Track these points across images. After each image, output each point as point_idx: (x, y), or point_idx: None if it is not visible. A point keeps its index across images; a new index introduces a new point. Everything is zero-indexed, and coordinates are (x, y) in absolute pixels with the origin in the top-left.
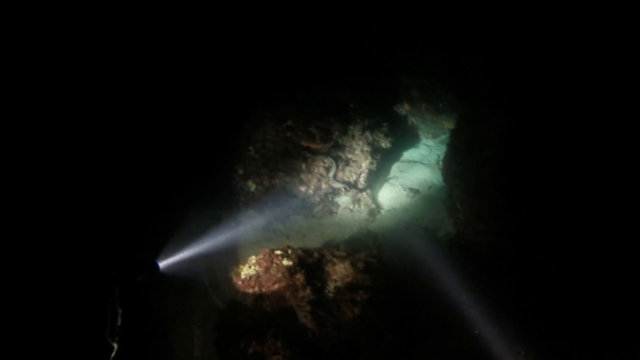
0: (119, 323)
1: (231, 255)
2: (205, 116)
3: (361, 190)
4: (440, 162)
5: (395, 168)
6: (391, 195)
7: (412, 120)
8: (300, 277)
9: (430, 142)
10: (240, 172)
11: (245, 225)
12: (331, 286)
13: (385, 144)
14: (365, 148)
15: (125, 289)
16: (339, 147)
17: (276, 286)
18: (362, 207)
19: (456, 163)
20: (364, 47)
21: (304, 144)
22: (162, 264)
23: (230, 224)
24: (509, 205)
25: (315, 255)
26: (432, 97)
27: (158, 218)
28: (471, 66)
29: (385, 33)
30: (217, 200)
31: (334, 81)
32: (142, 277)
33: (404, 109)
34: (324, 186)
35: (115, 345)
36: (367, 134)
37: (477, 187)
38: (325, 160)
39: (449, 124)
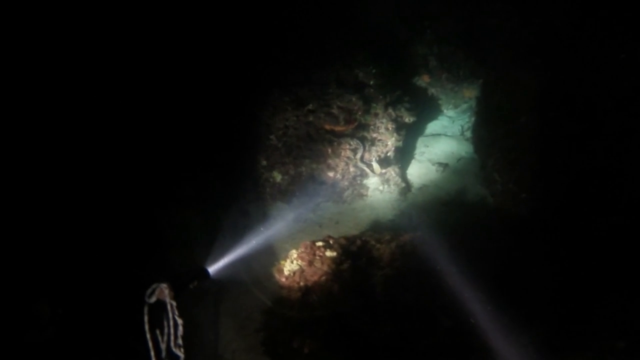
0: (182, 333)
1: (267, 251)
2: (220, 108)
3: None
4: (465, 133)
5: (420, 143)
6: (420, 171)
7: (433, 91)
8: (346, 267)
9: (451, 113)
10: (264, 162)
11: (275, 218)
12: (379, 274)
13: (409, 119)
14: (390, 125)
15: (180, 298)
16: (363, 126)
17: (322, 279)
18: (392, 186)
19: (487, 132)
20: (377, 19)
21: (327, 127)
22: (210, 268)
23: (259, 217)
24: (552, 171)
25: (358, 242)
26: (452, 66)
27: (194, 221)
28: (491, 28)
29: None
30: (242, 195)
31: (349, 58)
32: (194, 285)
33: (423, 80)
34: (352, 169)
35: (182, 355)
36: (390, 110)
37: (516, 155)
38: (351, 142)
39: (470, 92)
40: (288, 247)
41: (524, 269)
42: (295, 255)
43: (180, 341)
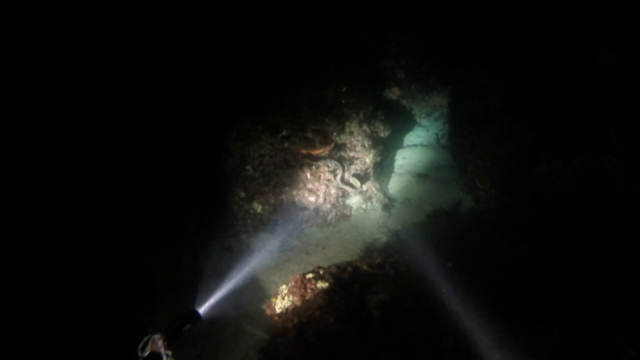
0: None
1: (254, 285)
2: (191, 144)
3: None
4: (441, 140)
5: (398, 156)
6: (401, 184)
7: (404, 102)
8: (340, 297)
9: (425, 122)
10: (242, 194)
11: (260, 250)
12: (374, 300)
13: (384, 133)
14: (366, 142)
15: (174, 344)
16: (340, 146)
17: (317, 313)
18: (375, 203)
19: (463, 138)
20: (342, 37)
21: (304, 151)
22: (200, 309)
23: (243, 251)
24: (533, 173)
25: (349, 269)
26: (420, 75)
27: (177, 264)
28: (455, 34)
29: (360, 16)
30: (223, 230)
31: (318, 78)
32: (187, 329)
33: (393, 93)
34: (333, 191)
35: None
36: (365, 126)
37: (494, 159)
38: (330, 164)
39: (441, 100)
40: (276, 279)
41: (523, 275)
42: (285, 291)
43: None
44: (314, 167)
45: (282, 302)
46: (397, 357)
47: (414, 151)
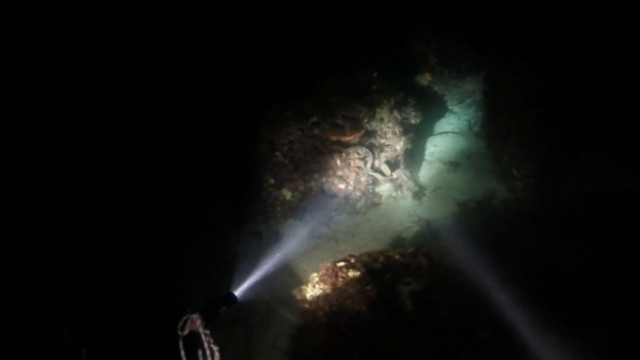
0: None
1: (284, 272)
2: (221, 131)
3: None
4: (473, 128)
5: (428, 143)
6: (431, 173)
7: (436, 88)
8: (372, 287)
9: (457, 109)
10: (272, 181)
11: (289, 237)
12: (406, 290)
13: (415, 120)
14: (397, 129)
15: (211, 325)
16: (370, 133)
17: (348, 302)
18: (406, 191)
19: (498, 125)
20: (373, 20)
21: (333, 138)
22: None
23: (272, 238)
24: (574, 163)
25: (381, 258)
26: (453, 61)
27: (211, 249)
28: (490, 18)
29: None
30: (252, 216)
31: (348, 63)
32: (223, 310)
33: (425, 79)
34: (363, 179)
35: None
36: (396, 113)
37: (533, 148)
38: (360, 151)
39: (473, 86)
40: (305, 266)
41: (565, 270)
42: (316, 279)
43: None
44: (343, 154)
45: (313, 290)
46: (430, 349)
47: (445, 138)
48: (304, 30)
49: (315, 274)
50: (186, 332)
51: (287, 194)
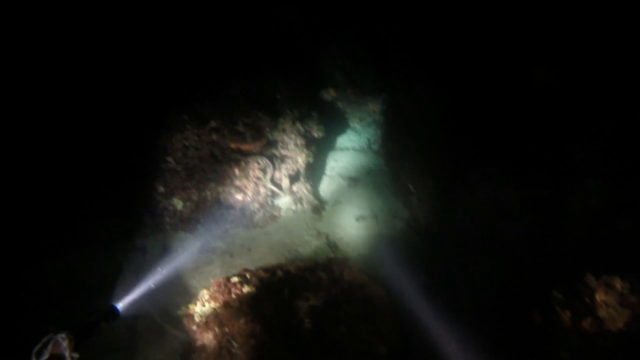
0: None
1: (172, 289)
2: (107, 128)
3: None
4: (372, 146)
5: (329, 158)
6: (332, 187)
7: (339, 105)
8: (268, 304)
9: (357, 126)
10: (162, 189)
11: (178, 251)
12: (305, 306)
13: (317, 134)
14: (299, 141)
15: (88, 345)
16: (272, 144)
17: (242, 322)
18: (306, 205)
19: (397, 144)
20: (281, 32)
21: (233, 146)
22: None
23: (158, 252)
24: (464, 181)
25: (279, 273)
26: (357, 80)
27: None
28: (392, 39)
29: (299, 13)
30: (138, 228)
31: (254, 72)
32: (103, 326)
33: (329, 94)
34: (262, 190)
35: None
36: (299, 125)
37: (428, 165)
38: (260, 161)
39: (374, 106)
40: (196, 282)
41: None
42: (207, 296)
43: None
44: (242, 163)
45: (202, 309)
46: None
47: (345, 154)
48: (208, 33)
49: (205, 291)
50: (45, 357)
51: (179, 204)
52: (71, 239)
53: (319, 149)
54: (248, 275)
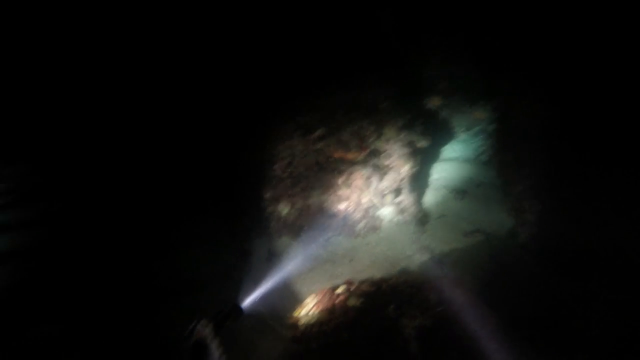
0: None
1: (278, 292)
2: (217, 139)
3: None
4: (480, 157)
5: (434, 169)
6: (437, 199)
7: (444, 114)
8: (373, 320)
9: (464, 136)
10: (268, 195)
11: (282, 256)
12: (412, 325)
13: (422, 143)
14: (403, 151)
15: (219, 337)
16: (375, 153)
17: (345, 335)
18: (409, 217)
19: (512, 156)
20: (385, 40)
21: (337, 155)
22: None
23: (264, 256)
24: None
25: (384, 287)
26: (464, 87)
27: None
28: (507, 44)
29: (404, 21)
30: (244, 231)
31: (358, 81)
32: (230, 322)
33: (433, 103)
34: (364, 200)
35: None
36: (403, 135)
37: (549, 182)
38: (364, 171)
39: (481, 114)
40: (299, 288)
41: (576, 317)
42: (311, 304)
43: None
44: (346, 173)
45: (306, 317)
46: None
47: (451, 165)
48: (311, 44)
49: (310, 299)
50: (193, 340)
51: (284, 210)
52: (190, 238)
53: (423, 159)
54: (353, 287)
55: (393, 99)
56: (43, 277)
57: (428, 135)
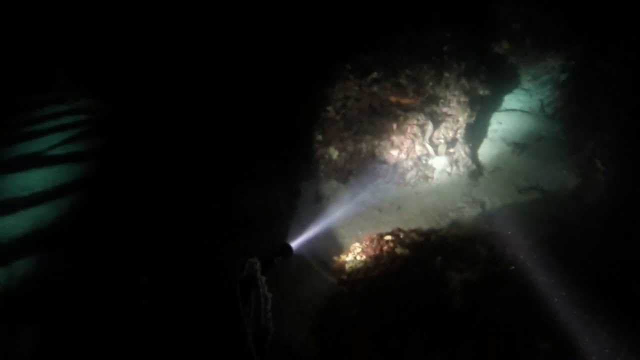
0: (270, 307)
1: (323, 235)
2: (272, 75)
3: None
4: (546, 109)
5: (493, 119)
6: (493, 152)
7: (511, 59)
8: (419, 269)
9: (529, 85)
10: (319, 137)
11: (329, 199)
12: (458, 278)
13: (483, 91)
14: (463, 99)
15: (267, 273)
16: (433, 99)
17: (391, 281)
18: (462, 168)
19: (587, 109)
20: None
21: (393, 99)
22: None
23: (311, 197)
24: None
25: (433, 238)
26: (539, 29)
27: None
28: None
29: None
30: (294, 172)
31: (420, 19)
32: (278, 260)
33: (501, 47)
34: (417, 148)
35: (272, 328)
36: (464, 81)
37: (631, 140)
38: (419, 117)
39: (555, 62)
40: (344, 232)
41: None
42: (358, 249)
43: (269, 314)
44: (401, 118)
45: (353, 262)
46: (477, 352)
47: (512, 116)
48: None
49: (357, 244)
50: (244, 274)
51: (334, 153)
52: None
53: (483, 108)
54: (401, 235)
55: (459, 42)
56: (114, 206)
57: (491, 83)
